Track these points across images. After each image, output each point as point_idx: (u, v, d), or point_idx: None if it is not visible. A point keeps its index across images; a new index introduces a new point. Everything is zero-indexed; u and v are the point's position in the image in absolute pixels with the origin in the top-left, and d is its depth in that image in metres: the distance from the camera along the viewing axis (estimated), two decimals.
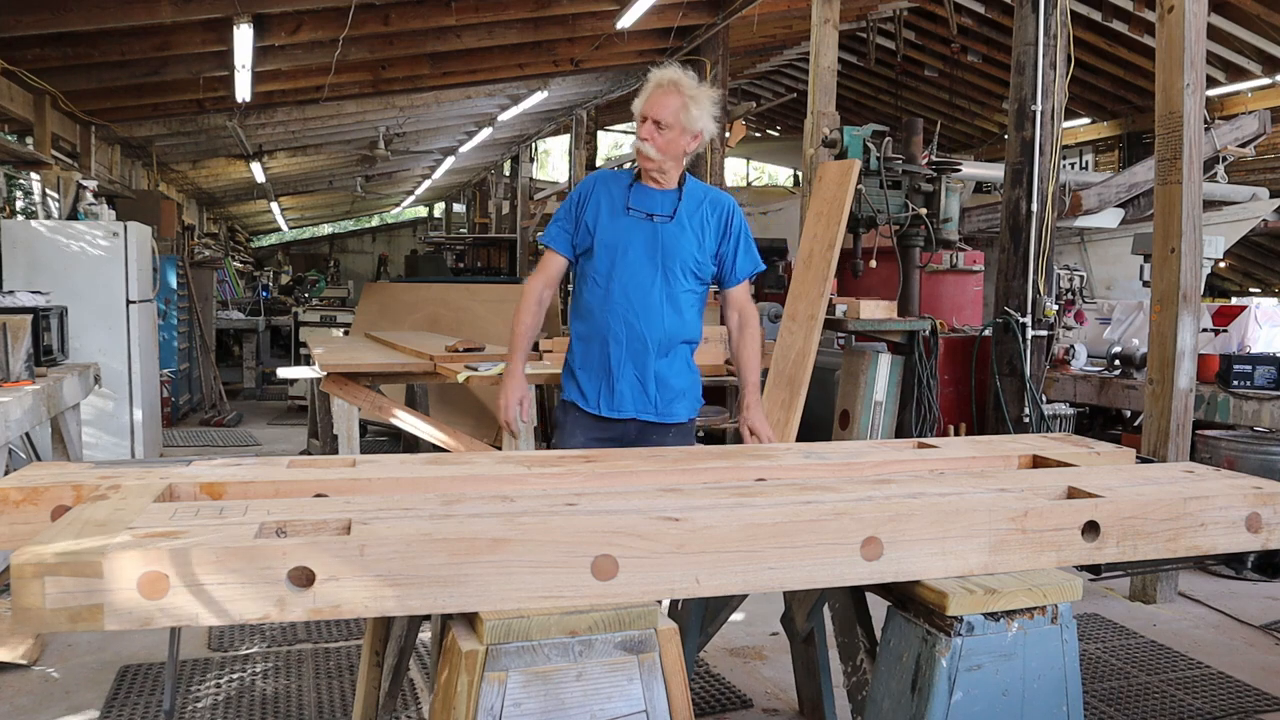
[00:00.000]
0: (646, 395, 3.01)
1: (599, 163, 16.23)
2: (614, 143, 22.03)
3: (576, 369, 3.05)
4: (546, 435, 6.98)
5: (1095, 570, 1.99)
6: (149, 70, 7.73)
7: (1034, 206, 5.28)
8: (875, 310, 5.32)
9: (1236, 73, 11.38)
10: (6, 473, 3.72)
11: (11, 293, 4.91)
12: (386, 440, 7.10)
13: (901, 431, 5.34)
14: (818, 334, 5.02)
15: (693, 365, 3.14)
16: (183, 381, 9.45)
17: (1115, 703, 3.34)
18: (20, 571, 1.41)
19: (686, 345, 3.09)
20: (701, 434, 5.93)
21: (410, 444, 6.02)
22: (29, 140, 7.35)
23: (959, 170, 5.77)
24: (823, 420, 5.73)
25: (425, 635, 3.34)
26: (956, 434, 5.73)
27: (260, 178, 13.68)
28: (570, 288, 3.26)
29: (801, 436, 4.83)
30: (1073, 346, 5.90)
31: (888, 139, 5.49)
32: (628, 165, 3.23)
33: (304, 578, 1.50)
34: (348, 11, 6.93)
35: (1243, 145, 8.62)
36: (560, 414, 3.11)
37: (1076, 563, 1.94)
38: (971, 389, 5.87)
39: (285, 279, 18.50)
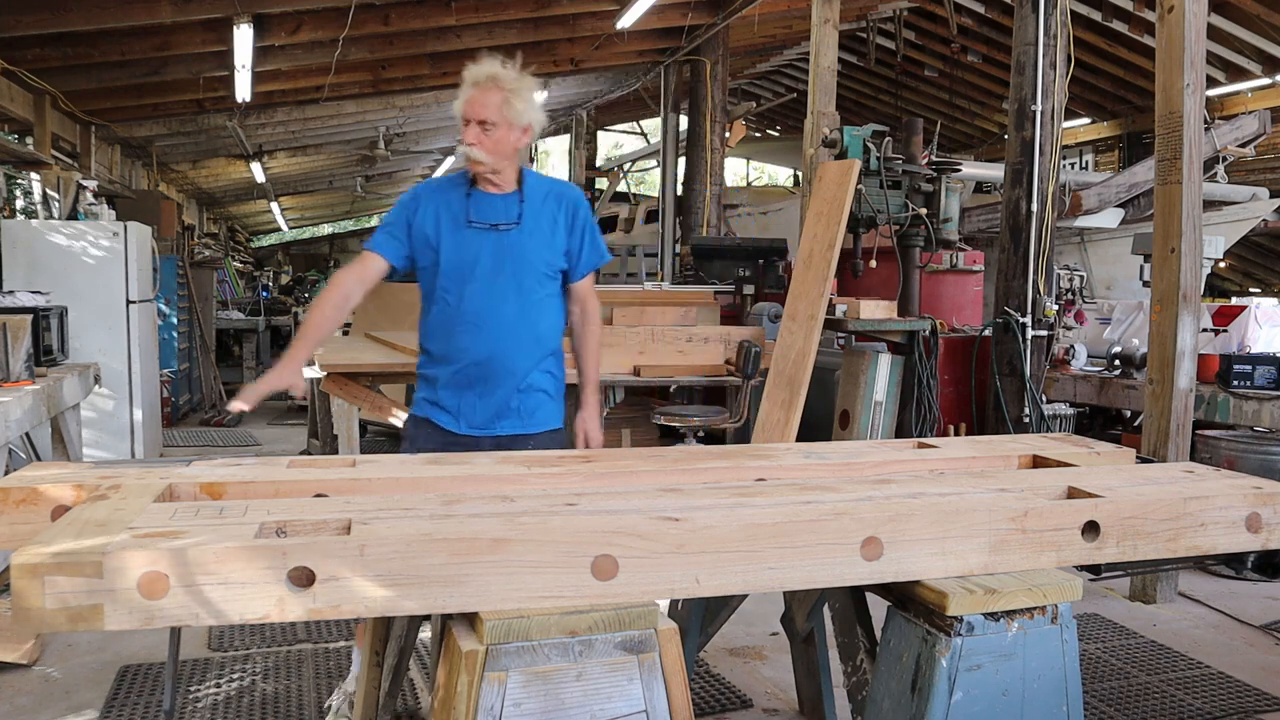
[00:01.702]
0: (510, 409, 2.84)
1: (599, 163, 16.25)
2: (614, 143, 22.03)
3: (436, 386, 2.85)
4: None
5: (1095, 570, 1.99)
6: (149, 70, 7.73)
7: (1034, 206, 5.28)
8: (875, 310, 5.32)
9: (1236, 73, 11.38)
10: (6, 473, 3.72)
11: (11, 293, 4.91)
12: (386, 440, 7.10)
13: (901, 431, 5.34)
14: (818, 334, 5.03)
15: (559, 372, 2.94)
16: (183, 381, 9.45)
17: (1115, 703, 3.34)
18: (20, 571, 1.41)
19: (552, 356, 2.92)
20: (701, 434, 5.93)
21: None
22: (29, 140, 7.35)
23: (959, 170, 5.77)
24: (823, 420, 5.73)
25: (425, 635, 3.34)
26: (956, 434, 5.73)
27: (260, 178, 13.69)
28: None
29: (801, 436, 4.83)
30: (1073, 346, 5.89)
31: (888, 139, 5.49)
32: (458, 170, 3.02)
33: (304, 578, 1.50)
34: (348, 11, 6.93)
35: (1243, 145, 8.62)
36: (410, 427, 2.92)
37: (1076, 563, 1.94)
38: (971, 389, 5.87)
39: (285, 279, 18.51)
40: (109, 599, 1.43)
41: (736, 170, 22.85)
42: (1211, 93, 11.45)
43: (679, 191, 10.99)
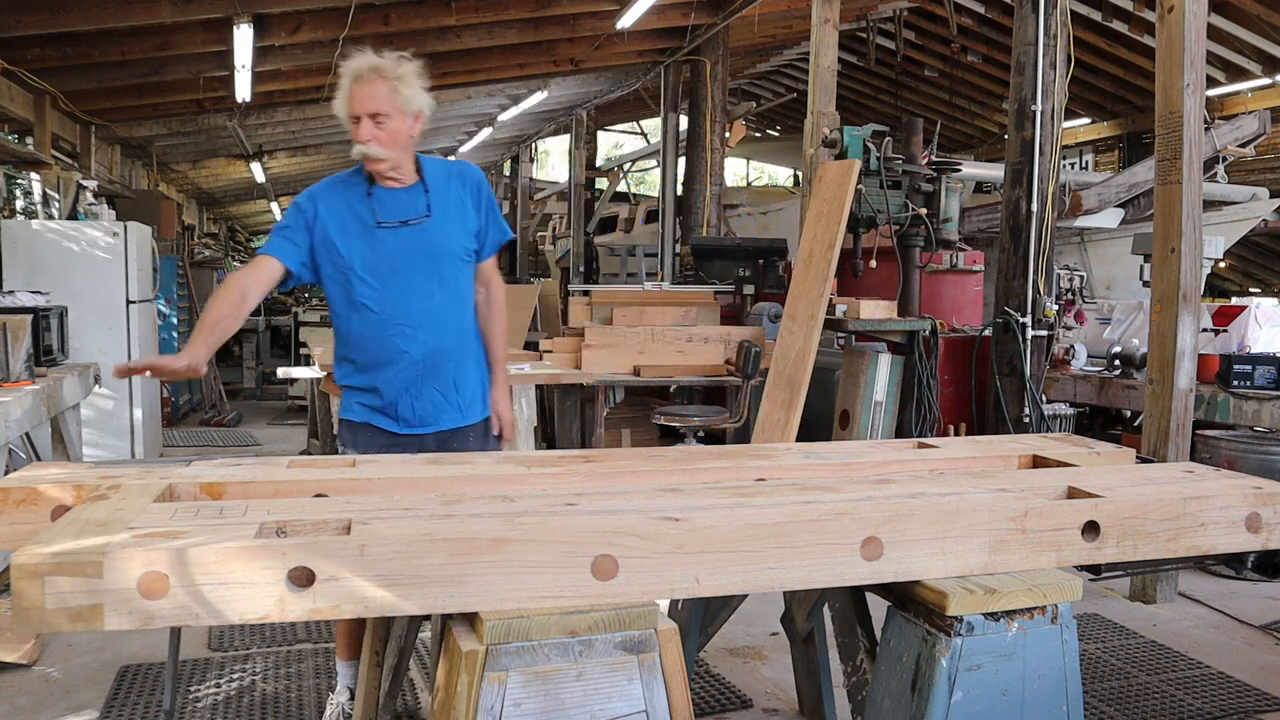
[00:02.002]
0: (449, 402, 2.79)
1: (599, 163, 16.26)
2: (614, 142, 22.04)
3: (370, 391, 2.78)
4: (548, 435, 6.99)
5: (1095, 570, 1.99)
6: (149, 70, 7.73)
7: (1034, 206, 5.28)
8: (875, 310, 5.32)
9: (1236, 73, 11.39)
10: (6, 473, 3.72)
11: (11, 293, 4.91)
12: None
13: (901, 431, 5.34)
14: (818, 334, 5.03)
15: (482, 360, 2.90)
16: (183, 381, 9.45)
17: (1115, 703, 3.34)
18: (20, 571, 1.41)
19: (476, 340, 2.87)
20: (701, 434, 5.93)
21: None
22: (29, 140, 7.35)
23: (959, 170, 5.77)
24: (823, 420, 5.73)
25: (425, 635, 3.34)
26: (956, 434, 5.73)
27: (260, 178, 13.69)
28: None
29: (801, 436, 4.83)
30: (1073, 346, 5.89)
31: (888, 139, 5.49)
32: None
33: (304, 578, 1.50)
34: (348, 11, 6.93)
35: (1243, 145, 8.61)
36: (347, 434, 2.84)
37: (1076, 563, 1.94)
38: (971, 389, 5.87)
39: None
40: (109, 599, 1.43)
41: (736, 170, 22.86)
42: (1211, 93, 11.46)
43: (679, 191, 10.99)
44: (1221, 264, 14.00)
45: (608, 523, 1.66)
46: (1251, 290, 15.71)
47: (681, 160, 10.99)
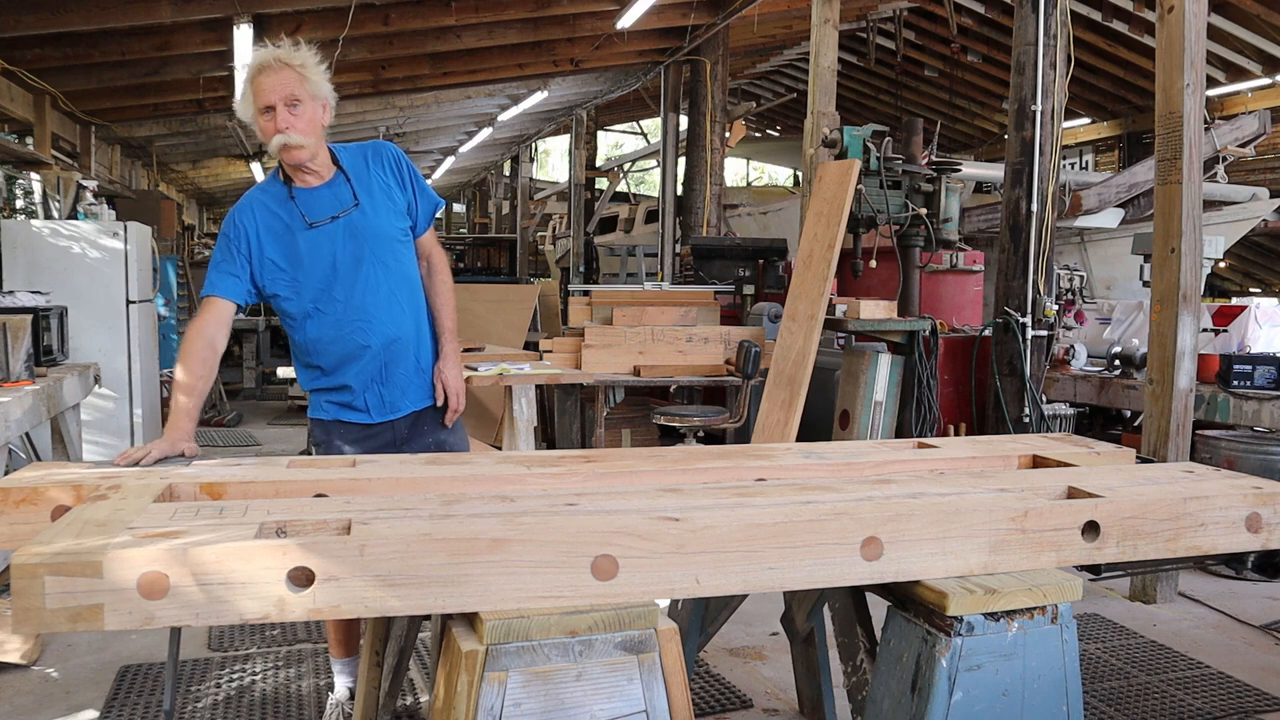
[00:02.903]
0: (415, 384, 2.80)
1: (599, 163, 16.26)
2: (614, 142, 22.04)
3: (338, 390, 2.77)
4: (547, 435, 6.99)
5: (1095, 570, 1.99)
6: (149, 70, 7.73)
7: (1034, 206, 5.28)
8: (875, 310, 5.32)
9: (1236, 73, 11.39)
10: (6, 473, 3.72)
11: (11, 293, 4.91)
12: None
13: (901, 431, 5.34)
14: (818, 334, 5.03)
15: (433, 334, 2.88)
16: None
17: (1115, 703, 3.34)
18: (20, 571, 1.41)
19: (426, 315, 2.85)
20: (701, 434, 5.93)
21: None
22: (29, 140, 7.35)
23: (959, 170, 5.77)
24: (823, 420, 5.73)
25: (425, 635, 3.34)
26: (956, 434, 5.74)
27: (260, 178, 13.67)
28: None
29: (801, 436, 4.83)
30: (1073, 346, 5.90)
31: (888, 139, 5.49)
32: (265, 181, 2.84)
33: (304, 578, 1.50)
34: (348, 11, 6.94)
35: (1243, 145, 8.61)
36: (320, 432, 2.82)
37: (1076, 563, 1.94)
38: (971, 389, 5.87)
39: None
40: (109, 599, 1.43)
41: (736, 170, 22.87)
42: (1211, 93, 11.46)
43: (679, 191, 10.99)
44: (1221, 264, 14.01)
45: (608, 523, 1.66)
46: (1251, 290, 15.72)
47: (681, 160, 10.99)
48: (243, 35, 6.76)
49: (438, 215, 2.97)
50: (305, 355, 2.78)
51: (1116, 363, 5.63)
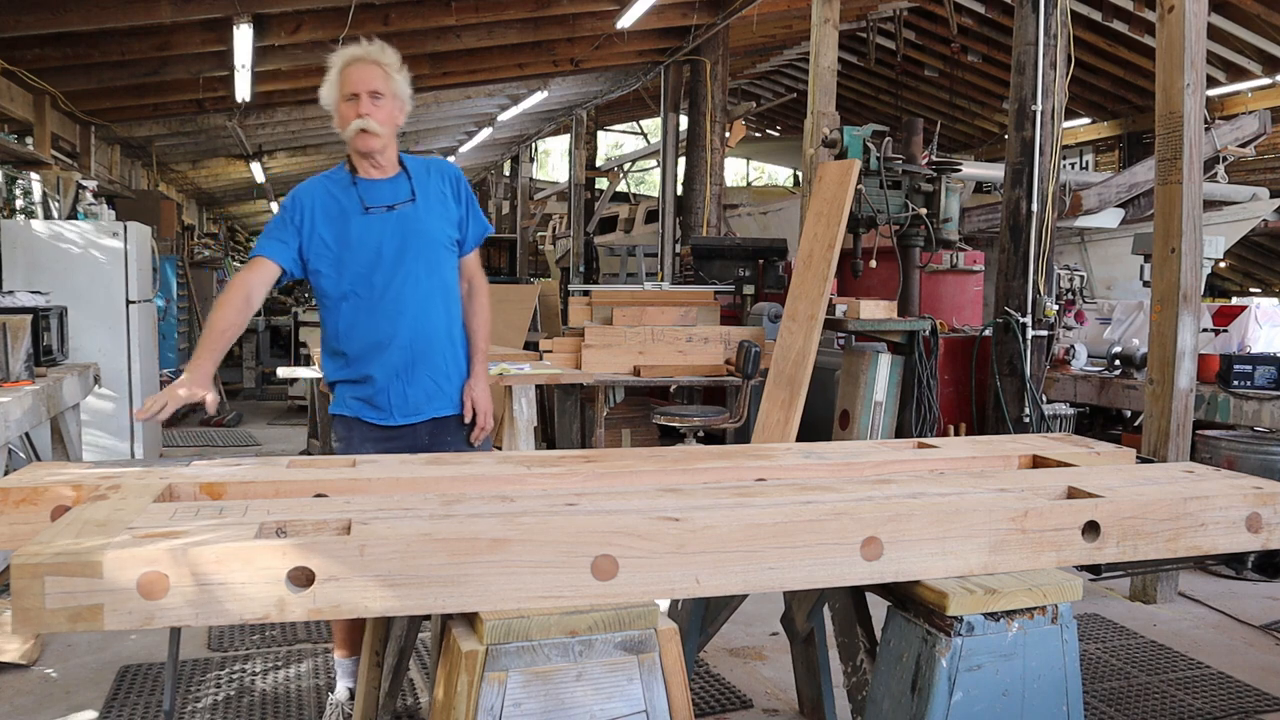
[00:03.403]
0: (441, 389, 2.83)
1: (599, 163, 16.26)
2: (614, 142, 22.04)
3: (361, 383, 2.81)
4: (548, 435, 6.99)
5: (1095, 570, 1.99)
6: (149, 70, 7.73)
7: (1034, 206, 5.28)
8: (875, 310, 5.32)
9: (1236, 73, 11.39)
10: (6, 473, 3.72)
11: (11, 293, 4.91)
12: None
13: (901, 431, 5.34)
14: (818, 334, 5.03)
15: (465, 347, 2.93)
16: None
17: (1115, 703, 3.34)
18: (20, 571, 1.41)
19: (461, 331, 2.91)
20: (701, 434, 5.93)
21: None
22: (29, 140, 7.35)
23: (959, 170, 5.77)
24: (823, 420, 5.73)
25: (425, 635, 3.34)
26: (956, 434, 5.73)
27: (260, 178, 13.69)
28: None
29: (801, 436, 4.83)
30: (1073, 346, 5.90)
31: (888, 139, 5.49)
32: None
33: (304, 578, 1.50)
34: (348, 11, 6.94)
35: (1243, 145, 8.62)
36: (341, 429, 2.86)
37: (1076, 563, 1.94)
38: (971, 389, 5.87)
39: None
40: (109, 599, 1.43)
41: (736, 170, 22.86)
42: (1211, 93, 11.46)
43: (679, 191, 10.99)
44: (1221, 264, 14.01)
45: (608, 523, 1.66)
46: (1251, 290, 15.72)
47: (681, 160, 10.99)
48: (243, 35, 6.75)
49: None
50: (334, 340, 2.83)
51: (1117, 363, 5.63)
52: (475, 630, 1.63)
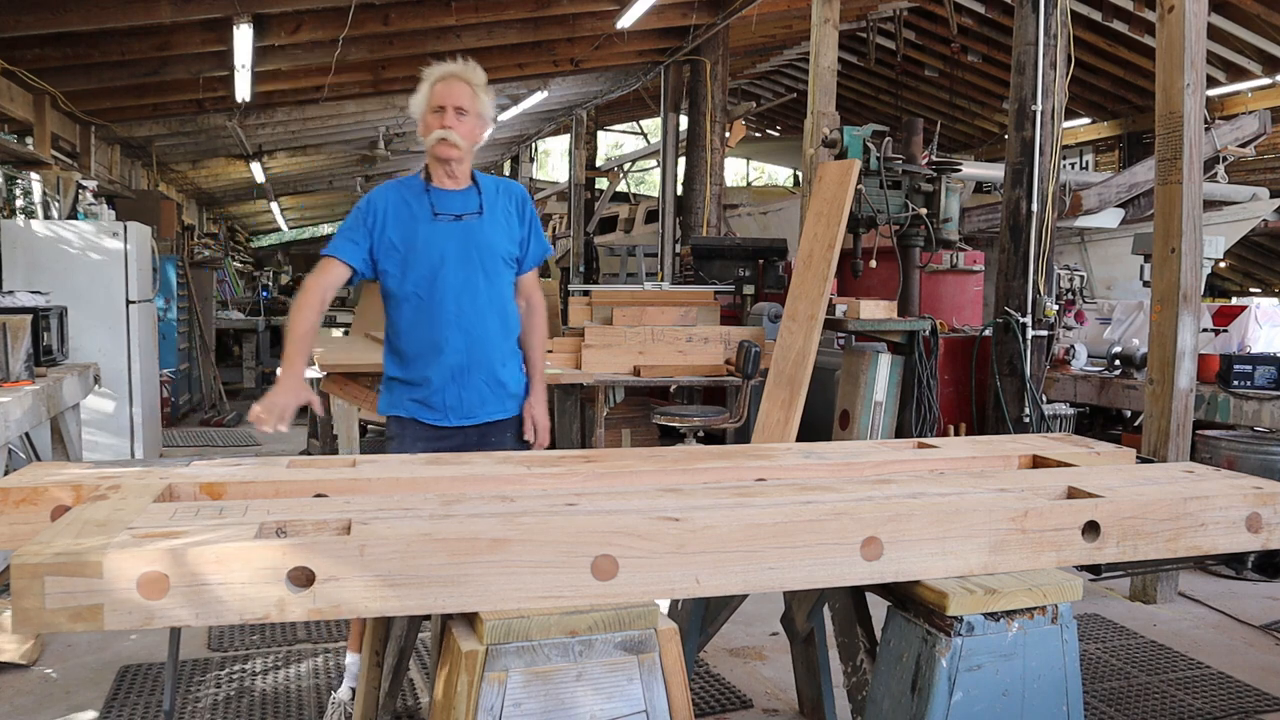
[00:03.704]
0: (493, 395, 2.94)
1: (599, 163, 16.25)
2: (614, 142, 22.04)
3: (416, 384, 2.90)
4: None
5: (1095, 570, 1.99)
6: (149, 70, 7.73)
7: (1034, 206, 5.28)
8: (875, 310, 5.32)
9: (1236, 73, 11.38)
10: (6, 473, 3.72)
11: (11, 293, 4.91)
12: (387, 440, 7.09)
13: (901, 431, 5.34)
14: (818, 334, 5.02)
15: (520, 356, 3.06)
16: (183, 381, 9.45)
17: (1115, 703, 3.34)
18: (20, 571, 1.41)
19: (514, 338, 3.02)
20: (701, 434, 5.93)
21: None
22: (29, 140, 7.35)
23: (959, 170, 5.77)
24: (823, 420, 5.73)
25: (425, 635, 3.34)
26: (956, 434, 5.73)
27: (260, 178, 13.68)
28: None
29: (801, 436, 4.83)
30: (1073, 346, 5.89)
31: (888, 139, 5.48)
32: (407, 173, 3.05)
33: (304, 578, 1.50)
34: (348, 11, 6.93)
35: (1243, 145, 8.61)
36: (395, 428, 2.96)
37: (1076, 563, 1.94)
38: (971, 389, 5.87)
39: (285, 279, 18.50)
40: (109, 599, 1.43)
41: (736, 170, 22.85)
42: (1211, 93, 11.46)
43: (679, 191, 10.99)
44: (1221, 264, 14.01)
45: (608, 523, 1.66)
46: (1251, 290, 15.72)
47: (681, 160, 10.99)
48: (243, 35, 6.75)
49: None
50: (395, 338, 2.94)
51: (1116, 363, 5.63)
52: (475, 630, 1.63)
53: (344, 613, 1.54)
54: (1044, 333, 5.40)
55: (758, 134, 19.61)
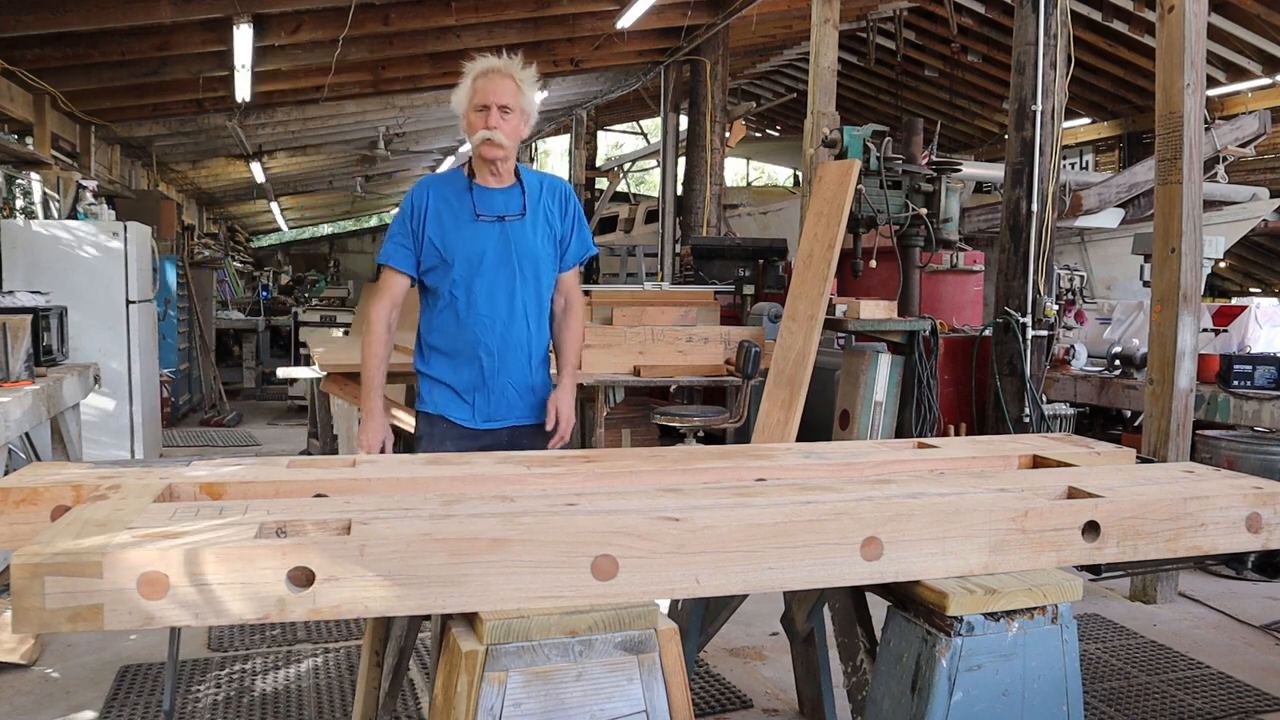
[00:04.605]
0: (523, 400, 2.93)
1: (599, 163, 16.25)
2: (614, 142, 22.03)
3: (444, 382, 2.90)
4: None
5: (1095, 570, 1.99)
6: (149, 70, 7.72)
7: (1034, 206, 5.28)
8: (875, 310, 5.32)
9: (1236, 73, 11.38)
10: (6, 473, 3.72)
11: (11, 293, 4.91)
12: None
13: (901, 431, 5.34)
14: (818, 334, 5.02)
15: (548, 363, 3.04)
16: (183, 381, 9.45)
17: (1115, 703, 3.34)
18: (20, 571, 1.41)
19: (544, 343, 3.00)
20: (701, 434, 5.93)
21: (410, 444, 6.02)
22: (29, 140, 7.35)
23: (959, 170, 5.77)
24: (823, 420, 5.73)
25: (425, 635, 3.34)
26: (956, 434, 5.73)
27: (260, 178, 13.68)
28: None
29: (801, 436, 4.83)
30: (1073, 346, 5.89)
31: (888, 139, 5.48)
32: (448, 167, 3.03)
33: (304, 578, 1.50)
34: (348, 11, 6.93)
35: (1243, 145, 8.61)
36: (424, 426, 2.96)
37: (1076, 563, 1.94)
38: (971, 389, 5.87)
39: (285, 279, 18.49)
40: (109, 599, 1.43)
41: (736, 170, 22.84)
42: (1211, 93, 11.45)
43: (679, 191, 10.99)
44: (1221, 264, 14.01)
45: (608, 523, 1.66)
46: (1251, 290, 15.72)
47: (681, 160, 10.99)
48: (243, 35, 6.75)
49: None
50: (428, 334, 2.94)
51: (1116, 363, 5.63)
52: (475, 630, 1.63)
53: (344, 613, 1.54)
54: (1044, 333, 5.40)
55: (758, 134, 19.61)
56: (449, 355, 2.88)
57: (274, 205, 19.12)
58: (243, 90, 8.07)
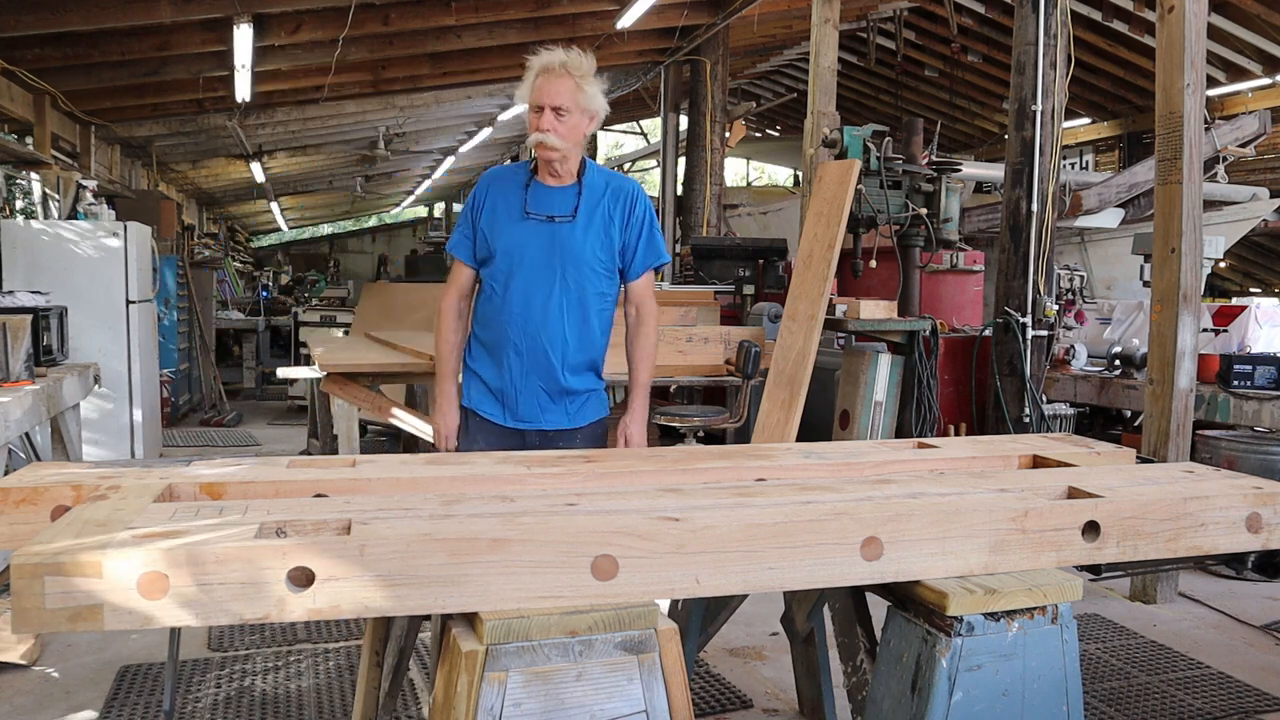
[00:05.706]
0: (555, 405, 2.87)
1: (599, 163, 16.25)
2: (614, 142, 22.03)
3: (480, 374, 2.91)
4: None
5: (1095, 570, 1.99)
6: (149, 70, 7.73)
7: (1034, 206, 5.28)
8: (875, 310, 5.32)
9: (1236, 73, 11.38)
10: (6, 473, 3.72)
11: (11, 293, 4.91)
12: (386, 440, 7.10)
13: (901, 431, 5.34)
14: (818, 334, 5.02)
15: (599, 372, 2.95)
16: (183, 381, 9.45)
17: (1115, 703, 3.34)
18: (20, 571, 1.41)
19: (598, 351, 2.92)
20: (701, 434, 5.92)
21: (410, 444, 6.03)
22: (29, 140, 7.35)
23: (959, 170, 5.77)
24: (823, 420, 5.73)
25: (425, 635, 3.34)
26: (956, 434, 5.73)
27: (260, 178, 13.68)
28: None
29: (801, 436, 4.83)
30: (1073, 346, 5.89)
31: (888, 139, 5.48)
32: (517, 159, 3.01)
33: (304, 578, 1.50)
34: (348, 11, 6.93)
35: (1243, 145, 8.61)
36: (464, 420, 2.96)
37: (1076, 563, 1.94)
38: (971, 389, 5.87)
39: (285, 279, 18.49)
40: (109, 599, 1.43)
41: (736, 170, 22.83)
42: (1211, 93, 11.45)
43: (679, 191, 10.99)
44: (1221, 264, 14.00)
45: (608, 523, 1.66)
46: (1251, 290, 15.72)
47: (681, 160, 10.99)
48: (243, 35, 6.75)
49: (658, 269, 3.09)
50: (476, 324, 2.96)
51: (1116, 363, 5.63)
52: (475, 630, 1.63)
53: (344, 613, 1.54)
54: (1044, 333, 5.40)
55: (758, 134, 19.60)
56: (487, 346, 2.89)
57: (274, 205, 19.12)
58: (243, 90, 8.08)
